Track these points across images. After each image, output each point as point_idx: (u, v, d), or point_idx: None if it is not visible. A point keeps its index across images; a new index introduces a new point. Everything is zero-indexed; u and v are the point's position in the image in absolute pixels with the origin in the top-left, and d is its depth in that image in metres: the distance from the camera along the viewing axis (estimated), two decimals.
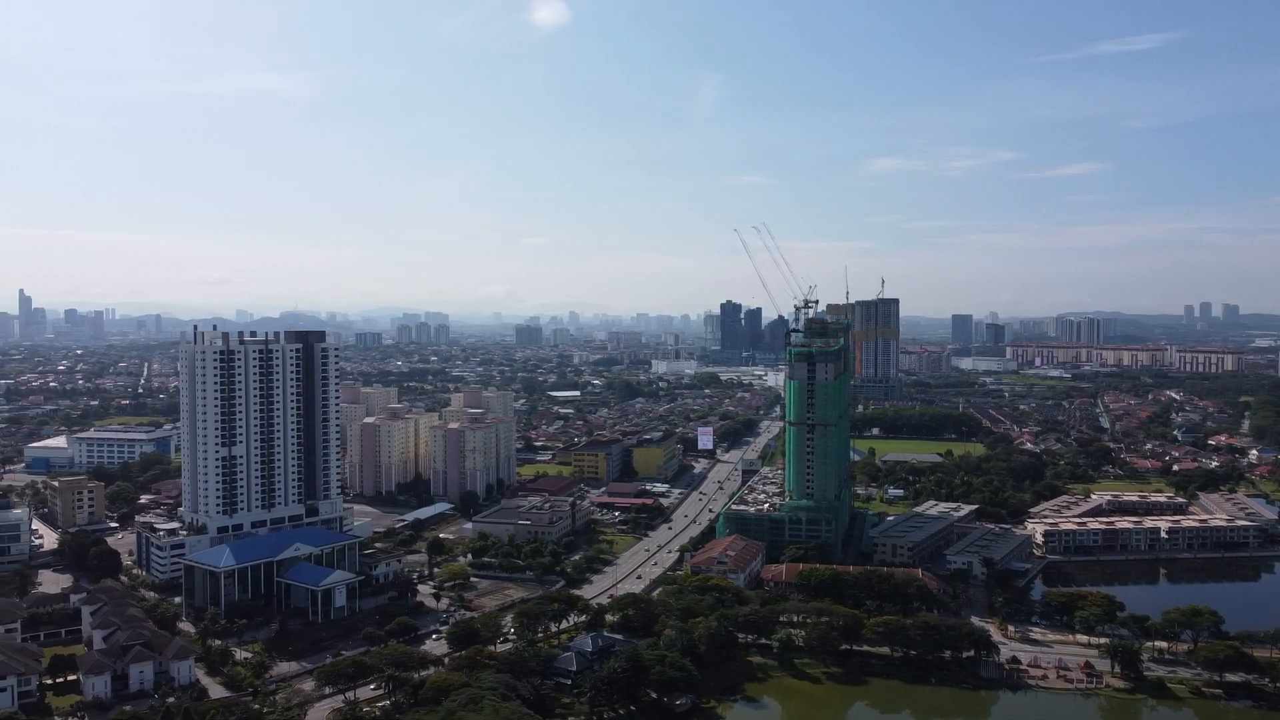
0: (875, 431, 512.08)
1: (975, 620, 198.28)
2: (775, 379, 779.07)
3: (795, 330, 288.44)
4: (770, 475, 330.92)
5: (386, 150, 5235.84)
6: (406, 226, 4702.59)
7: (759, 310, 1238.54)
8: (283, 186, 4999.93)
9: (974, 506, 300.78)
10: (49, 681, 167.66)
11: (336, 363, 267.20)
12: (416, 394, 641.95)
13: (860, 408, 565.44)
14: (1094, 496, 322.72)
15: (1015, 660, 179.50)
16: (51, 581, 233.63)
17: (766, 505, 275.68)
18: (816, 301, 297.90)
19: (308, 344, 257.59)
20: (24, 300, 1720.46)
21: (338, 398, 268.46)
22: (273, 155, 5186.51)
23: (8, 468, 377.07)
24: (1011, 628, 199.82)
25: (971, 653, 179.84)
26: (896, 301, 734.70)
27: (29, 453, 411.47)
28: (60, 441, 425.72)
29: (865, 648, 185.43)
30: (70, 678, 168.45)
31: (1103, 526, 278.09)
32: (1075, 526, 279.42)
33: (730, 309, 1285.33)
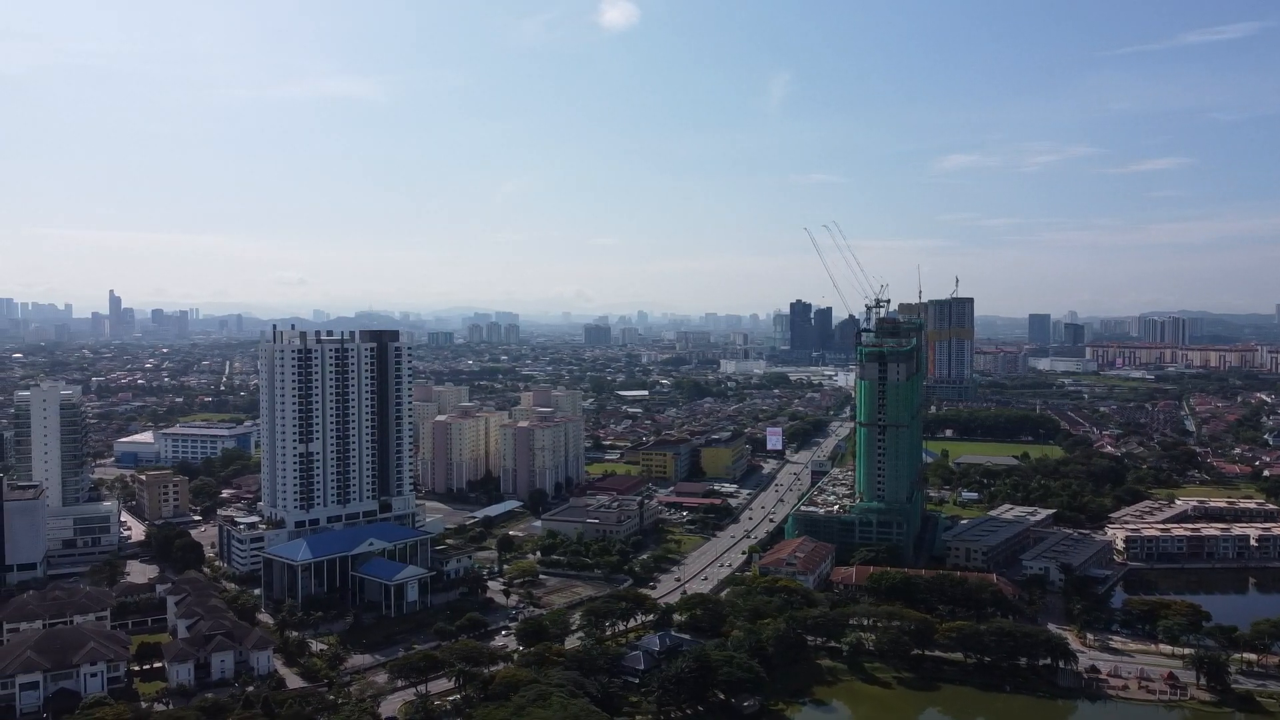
0: (949, 433, 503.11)
1: (1052, 627, 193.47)
2: (845, 379, 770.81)
3: (866, 330, 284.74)
4: (840, 476, 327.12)
5: (459, 152, 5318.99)
6: (479, 227, 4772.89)
7: (829, 310, 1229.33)
8: (359, 189, 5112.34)
9: (1051, 511, 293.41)
10: (136, 668, 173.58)
11: (409, 362, 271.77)
12: (487, 393, 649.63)
13: (933, 409, 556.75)
14: (1178, 502, 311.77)
15: (1094, 669, 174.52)
16: (139, 572, 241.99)
17: (836, 507, 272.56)
18: (888, 301, 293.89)
19: (382, 343, 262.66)
20: (114, 301, 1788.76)
21: (410, 396, 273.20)
22: (349, 158, 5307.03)
23: (98, 462, 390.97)
24: (1090, 636, 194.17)
25: (1048, 661, 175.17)
26: (971, 301, 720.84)
27: (118, 447, 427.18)
28: (147, 437, 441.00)
29: (937, 653, 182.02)
30: (156, 665, 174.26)
31: (1188, 533, 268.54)
32: (1159, 533, 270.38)
33: (800, 308, 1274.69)
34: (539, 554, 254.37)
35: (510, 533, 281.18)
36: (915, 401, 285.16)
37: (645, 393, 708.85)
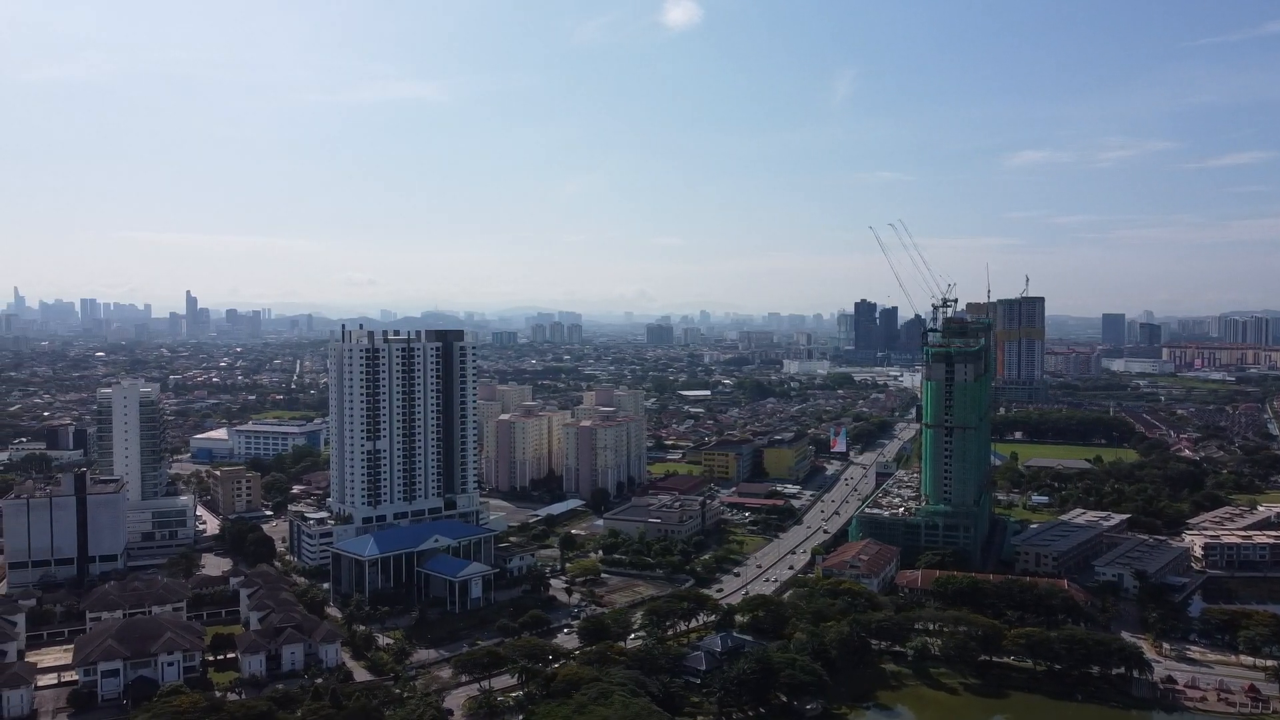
0: (1018, 435, 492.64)
1: (1126, 636, 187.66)
2: (911, 380, 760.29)
3: (933, 330, 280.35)
4: (905, 479, 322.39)
5: (523, 153, 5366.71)
6: (542, 228, 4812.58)
7: (894, 309, 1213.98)
8: (425, 190, 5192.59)
9: (1125, 516, 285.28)
10: (210, 658, 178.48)
11: (474, 361, 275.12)
12: (550, 392, 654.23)
13: (1002, 410, 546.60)
14: (1261, 508, 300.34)
15: (1170, 680, 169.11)
16: (213, 564, 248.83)
17: (902, 509, 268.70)
18: (955, 300, 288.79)
19: (447, 343, 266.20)
20: (190, 301, 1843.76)
21: (475, 395, 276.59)
22: (415, 160, 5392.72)
23: (175, 457, 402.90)
24: (1166, 645, 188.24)
25: (1122, 670, 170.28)
26: (1041, 300, 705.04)
27: (194, 443, 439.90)
28: (222, 433, 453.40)
29: (1006, 659, 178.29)
30: (229, 655, 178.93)
31: (1271, 540, 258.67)
32: (1239, 540, 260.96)
33: (864, 308, 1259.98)
34: (601, 553, 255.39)
35: (572, 531, 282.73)
36: (983, 403, 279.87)
37: (707, 393, 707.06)
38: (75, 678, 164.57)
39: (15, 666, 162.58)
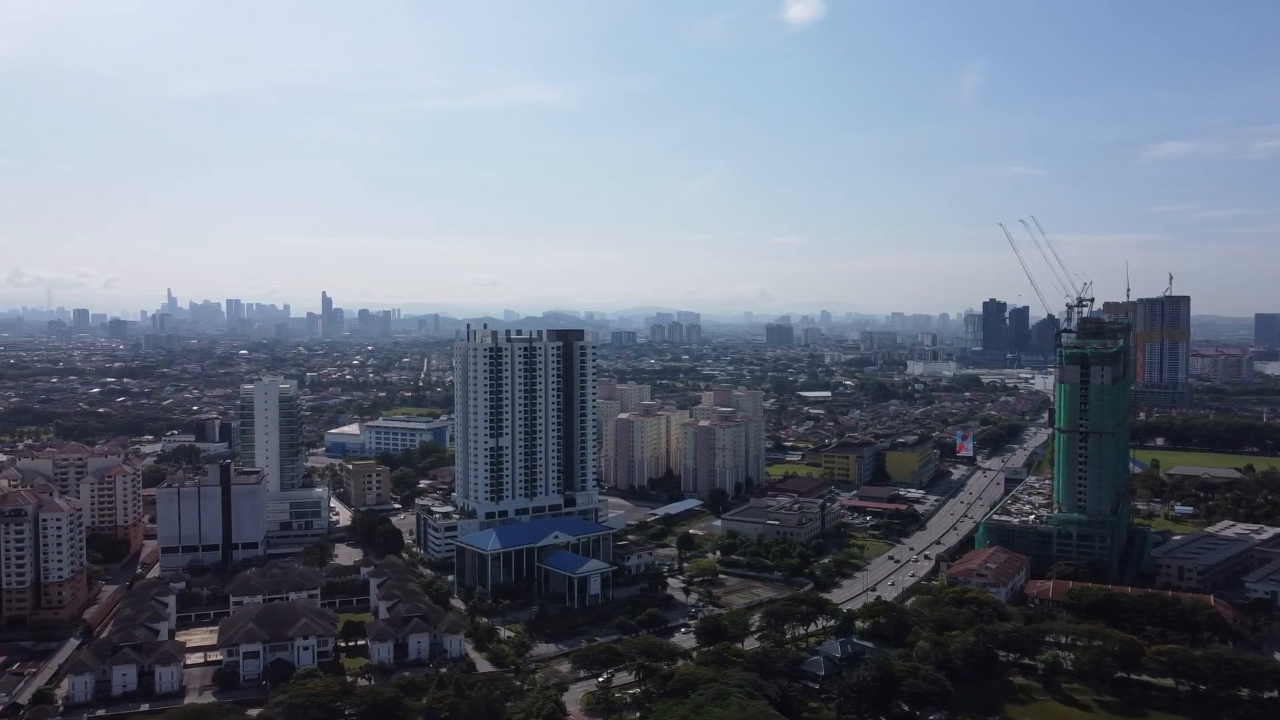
0: (1160, 442, 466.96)
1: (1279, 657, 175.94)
2: (1043, 383, 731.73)
3: (1067, 330, 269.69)
4: (1036, 485, 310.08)
5: (644, 154, 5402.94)
6: (662, 228, 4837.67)
7: (1025, 309, 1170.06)
8: (548, 192, 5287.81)
9: None
10: (342, 644, 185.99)
11: (593, 360, 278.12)
12: (668, 391, 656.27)
13: (1142, 415, 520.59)
14: None
15: None
16: (345, 554, 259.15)
17: (1032, 517, 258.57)
18: (1092, 299, 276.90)
19: (568, 342, 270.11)
20: (325, 302, 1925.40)
21: (594, 394, 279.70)
22: (539, 163, 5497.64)
23: (311, 451, 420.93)
24: None
25: (1275, 694, 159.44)
26: (1186, 299, 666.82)
27: (328, 438, 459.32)
28: (354, 429, 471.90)
29: (1144, 677, 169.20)
30: (359, 643, 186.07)
31: None
32: None
33: (993, 307, 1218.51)
34: (719, 553, 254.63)
35: (690, 531, 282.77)
36: (1121, 407, 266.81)
37: (828, 394, 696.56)
38: (219, 658, 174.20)
39: (166, 645, 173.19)
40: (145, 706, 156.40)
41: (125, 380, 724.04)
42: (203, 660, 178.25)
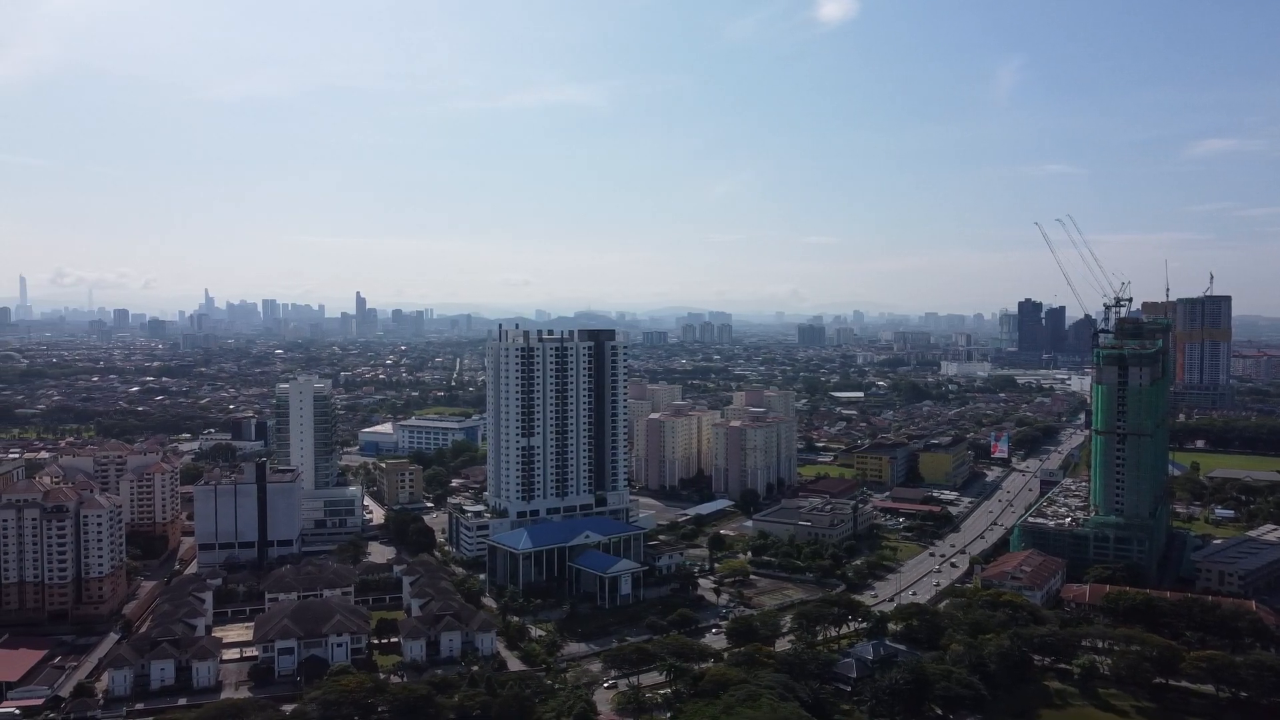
0: (1200, 444, 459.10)
1: None
2: (1080, 384, 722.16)
3: (1104, 331, 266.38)
4: (1073, 487, 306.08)
5: (675, 154, 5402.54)
6: (694, 228, 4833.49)
7: (1062, 309, 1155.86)
8: (581, 192, 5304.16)
9: None
10: (375, 641, 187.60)
11: (625, 360, 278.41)
12: (700, 392, 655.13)
13: (1182, 417, 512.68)
14: None
15: None
16: (378, 552, 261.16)
17: (1068, 520, 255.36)
18: (1130, 299, 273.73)
19: (599, 342, 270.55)
20: (360, 302, 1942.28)
21: (625, 393, 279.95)
22: (571, 163, 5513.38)
23: (345, 449, 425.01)
24: None
25: None
26: (1227, 299, 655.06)
27: (362, 437, 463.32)
28: (387, 428, 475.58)
29: (1183, 683, 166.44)
30: (392, 640, 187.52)
31: None
32: None
33: (1029, 307, 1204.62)
34: (750, 554, 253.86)
35: (721, 531, 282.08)
36: (1160, 408, 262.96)
37: (860, 394, 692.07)
38: (255, 654, 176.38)
39: (204, 640, 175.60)
40: (182, 701, 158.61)
41: (164, 379, 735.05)
42: (238, 656, 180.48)
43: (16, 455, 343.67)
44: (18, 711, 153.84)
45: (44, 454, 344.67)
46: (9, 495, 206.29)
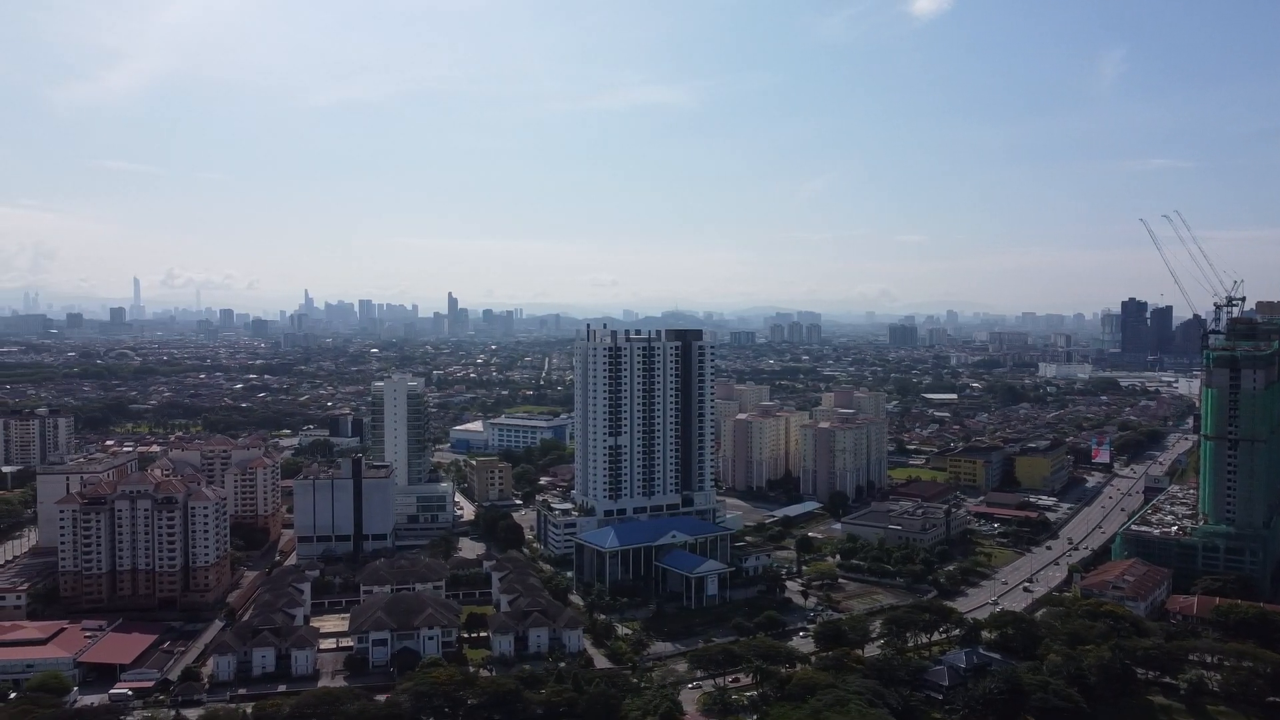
0: None
1: None
2: (1188, 386, 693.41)
3: (1215, 331, 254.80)
4: (1179, 495, 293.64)
5: (764, 153, 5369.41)
6: (782, 227, 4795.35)
7: (1168, 309, 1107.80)
8: (669, 192, 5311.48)
9: None
10: (465, 635, 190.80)
11: (712, 360, 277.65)
12: (788, 392, 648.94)
13: None
14: None
15: None
16: (468, 548, 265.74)
17: (1174, 528, 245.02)
18: (1243, 298, 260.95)
19: (686, 342, 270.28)
20: (451, 302, 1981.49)
21: (712, 394, 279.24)
22: (659, 163, 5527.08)
23: (437, 447, 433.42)
24: None
25: None
26: None
27: (453, 434, 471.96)
28: (477, 426, 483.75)
29: None
30: (481, 634, 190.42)
31: None
32: None
33: (1133, 307, 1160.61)
34: (838, 557, 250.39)
35: (809, 534, 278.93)
36: (1276, 413, 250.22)
37: (953, 396, 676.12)
38: (350, 644, 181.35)
39: (302, 630, 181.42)
40: (282, 688, 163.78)
41: (266, 377, 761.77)
42: (335, 645, 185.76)
43: (130, 449, 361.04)
44: (130, 692, 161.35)
45: (155, 448, 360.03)
46: (124, 487, 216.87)
